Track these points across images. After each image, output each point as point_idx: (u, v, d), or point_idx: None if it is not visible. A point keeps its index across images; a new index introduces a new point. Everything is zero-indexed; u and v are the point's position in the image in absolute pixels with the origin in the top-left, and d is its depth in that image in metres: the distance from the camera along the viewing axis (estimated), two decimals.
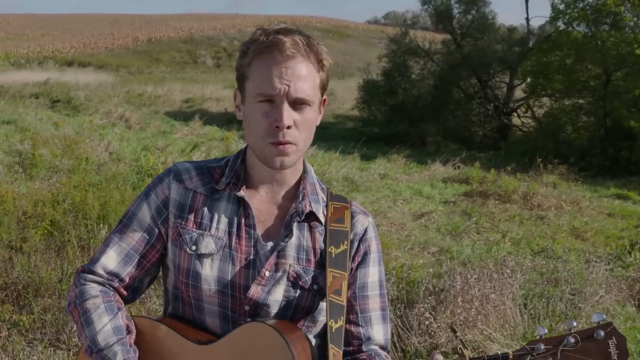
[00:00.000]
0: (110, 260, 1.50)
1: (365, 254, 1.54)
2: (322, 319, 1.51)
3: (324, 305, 1.48)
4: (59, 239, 5.22)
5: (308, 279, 1.48)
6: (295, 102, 1.39)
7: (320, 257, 1.50)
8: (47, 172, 8.30)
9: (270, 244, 1.48)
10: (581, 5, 18.57)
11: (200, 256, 1.46)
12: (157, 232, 1.50)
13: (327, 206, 1.54)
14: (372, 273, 1.54)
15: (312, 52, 1.41)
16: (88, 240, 5.21)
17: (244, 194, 1.48)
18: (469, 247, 7.26)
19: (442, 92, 20.74)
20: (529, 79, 20.07)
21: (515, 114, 21.39)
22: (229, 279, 1.45)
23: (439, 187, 11.21)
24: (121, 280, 1.51)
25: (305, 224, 1.51)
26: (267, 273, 1.46)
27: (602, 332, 1.42)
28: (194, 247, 1.47)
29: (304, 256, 1.49)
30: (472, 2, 22.45)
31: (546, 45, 19.30)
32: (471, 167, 12.46)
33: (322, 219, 1.52)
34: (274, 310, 1.46)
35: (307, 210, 1.50)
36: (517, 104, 21.35)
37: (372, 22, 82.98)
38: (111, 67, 35.97)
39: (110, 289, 1.51)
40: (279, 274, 1.47)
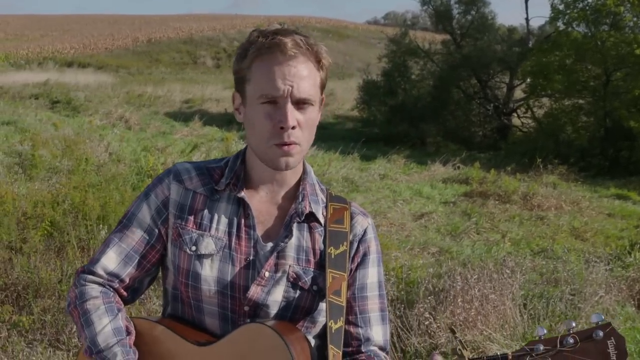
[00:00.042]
0: (110, 261, 1.49)
1: (365, 254, 1.54)
2: (321, 319, 1.51)
3: (324, 306, 1.48)
4: (58, 240, 5.21)
5: (308, 279, 1.48)
6: (299, 103, 1.39)
7: (320, 257, 1.50)
8: (46, 173, 8.29)
9: (270, 245, 1.47)
10: (581, 6, 18.59)
11: (200, 257, 1.46)
12: (157, 232, 1.50)
13: (326, 207, 1.54)
14: (371, 274, 1.54)
15: (312, 52, 1.41)
16: (88, 241, 5.21)
17: (244, 194, 1.48)
18: (469, 247, 7.26)
19: (442, 92, 20.75)
20: (528, 79, 20.09)
21: (515, 114, 21.41)
22: (229, 280, 1.45)
23: (438, 188, 11.21)
24: (121, 280, 1.51)
25: (305, 224, 1.50)
26: (266, 274, 1.46)
27: (601, 333, 1.42)
28: (193, 248, 1.46)
29: (303, 257, 1.49)
30: (472, 2, 22.49)
31: (546, 45, 19.33)
32: (471, 168, 12.46)
33: (322, 220, 1.52)
34: (274, 310, 1.46)
35: (307, 211, 1.50)
36: (517, 104, 21.37)
37: (372, 23, 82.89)
38: (111, 67, 35.92)
39: (110, 289, 1.50)
40: (279, 274, 1.47)
